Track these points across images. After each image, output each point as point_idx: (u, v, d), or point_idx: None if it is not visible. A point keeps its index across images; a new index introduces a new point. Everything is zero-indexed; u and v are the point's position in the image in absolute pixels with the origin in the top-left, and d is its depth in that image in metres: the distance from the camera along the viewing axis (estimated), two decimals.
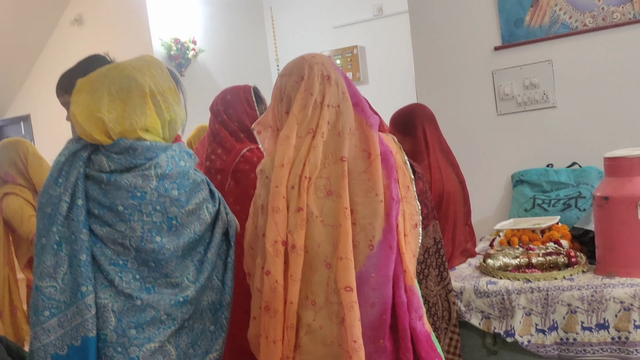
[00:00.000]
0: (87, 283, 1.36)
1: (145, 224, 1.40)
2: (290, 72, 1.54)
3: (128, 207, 1.39)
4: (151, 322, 1.41)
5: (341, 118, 1.47)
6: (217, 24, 5.63)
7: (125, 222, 1.39)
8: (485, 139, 3.13)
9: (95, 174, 1.41)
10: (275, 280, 1.39)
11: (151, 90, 1.43)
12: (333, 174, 1.43)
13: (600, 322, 2.05)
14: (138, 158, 1.41)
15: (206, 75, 5.47)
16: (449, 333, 2.24)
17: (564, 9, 2.87)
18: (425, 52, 3.25)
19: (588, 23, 2.83)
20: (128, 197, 1.39)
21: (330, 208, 1.42)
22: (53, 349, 1.35)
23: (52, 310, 1.36)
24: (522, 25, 2.97)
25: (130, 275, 1.41)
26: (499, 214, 3.10)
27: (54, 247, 1.38)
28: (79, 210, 1.38)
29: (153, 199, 1.40)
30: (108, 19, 5.36)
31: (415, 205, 1.55)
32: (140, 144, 1.41)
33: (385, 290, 1.40)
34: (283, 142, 1.45)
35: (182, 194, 1.44)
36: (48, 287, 1.37)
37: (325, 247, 1.40)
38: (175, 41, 5.09)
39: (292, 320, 1.39)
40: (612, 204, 2.11)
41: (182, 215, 1.44)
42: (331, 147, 1.45)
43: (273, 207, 1.41)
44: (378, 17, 5.61)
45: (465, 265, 2.56)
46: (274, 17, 6.21)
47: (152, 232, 1.40)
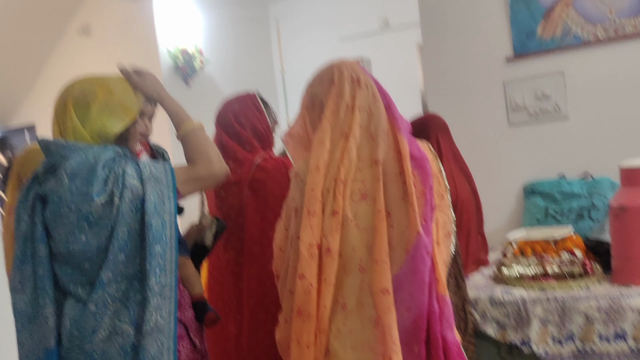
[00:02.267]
0: (45, 295, 1.41)
1: (66, 227, 1.41)
2: (320, 79, 1.55)
3: (52, 213, 1.42)
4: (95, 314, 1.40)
5: (373, 120, 1.48)
6: (224, 35, 5.66)
7: (55, 229, 1.42)
8: (496, 149, 3.13)
9: (39, 191, 1.46)
10: (309, 284, 1.39)
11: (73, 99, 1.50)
12: (368, 177, 1.43)
13: (619, 332, 2.04)
14: (54, 157, 1.44)
15: (212, 86, 5.49)
16: (464, 343, 2.23)
17: (576, 21, 2.89)
18: (436, 62, 3.27)
19: (600, 35, 2.85)
20: (52, 202, 1.42)
21: (365, 212, 1.42)
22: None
23: (23, 323, 1.42)
24: (533, 37, 2.98)
25: (78, 281, 1.42)
26: (511, 224, 3.10)
27: (17, 263, 1.44)
28: (36, 227, 1.44)
29: (67, 198, 1.39)
30: (115, 29, 5.38)
31: (449, 214, 1.55)
32: (55, 141, 1.46)
33: (421, 295, 1.39)
34: (318, 146, 1.46)
35: (90, 187, 1.38)
36: (17, 301, 1.42)
37: (360, 250, 1.40)
38: (182, 52, 5.11)
39: (324, 324, 1.39)
40: (629, 214, 2.11)
41: (96, 209, 1.37)
42: (365, 150, 1.45)
43: (309, 211, 1.41)
44: (384, 29, 5.64)
45: (479, 275, 2.56)
46: (280, 28, 6.24)
47: (76, 232, 1.39)
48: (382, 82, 5.26)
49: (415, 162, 1.46)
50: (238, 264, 2.19)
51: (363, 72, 1.54)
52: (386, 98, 1.53)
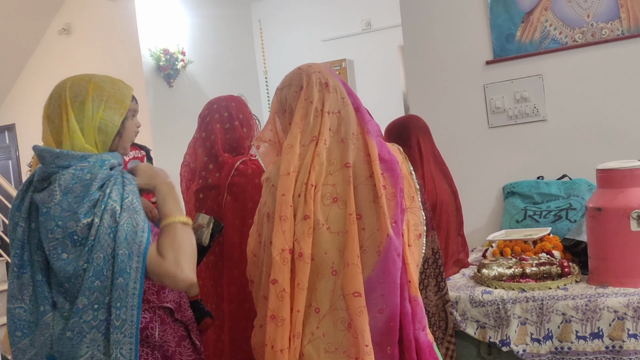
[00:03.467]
0: (45, 303, 1.38)
1: (50, 241, 1.34)
2: (289, 84, 1.56)
3: (41, 224, 1.37)
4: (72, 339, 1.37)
5: (343, 124, 1.49)
6: (206, 35, 5.65)
7: (43, 239, 1.37)
8: (476, 151, 3.17)
9: (34, 197, 1.42)
10: (282, 289, 1.39)
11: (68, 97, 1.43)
12: (339, 180, 1.45)
13: (595, 331, 2.08)
14: (49, 166, 1.38)
15: (195, 86, 5.47)
16: (445, 343, 2.26)
17: (554, 24, 2.93)
18: (417, 65, 3.30)
19: (578, 39, 2.90)
20: (42, 214, 1.36)
21: (336, 215, 1.43)
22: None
23: (23, 331, 1.40)
24: (513, 40, 3.03)
25: (63, 296, 1.38)
26: (490, 225, 3.14)
27: (15, 270, 1.41)
28: (33, 233, 1.40)
29: (56, 214, 1.33)
30: (96, 29, 5.35)
31: (420, 216, 1.56)
32: (49, 150, 1.39)
33: (393, 297, 1.41)
34: (288, 151, 1.47)
35: (81, 206, 1.33)
36: (16, 308, 1.40)
37: (332, 254, 1.41)
38: (164, 52, 5.10)
39: (298, 328, 1.40)
40: (605, 215, 2.15)
41: (82, 229, 1.32)
42: (335, 153, 1.47)
43: (280, 216, 1.41)
44: (366, 31, 5.67)
45: (459, 276, 2.59)
46: (263, 29, 6.25)
47: (58, 249, 1.34)
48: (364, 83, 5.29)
49: (385, 165, 1.47)
50: (217, 269, 2.19)
51: (332, 75, 1.55)
52: (355, 101, 1.55)
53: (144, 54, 5.01)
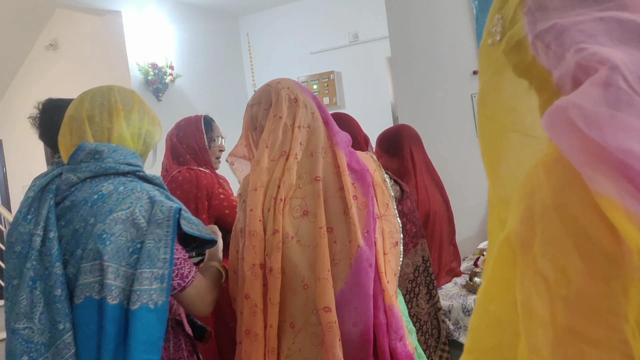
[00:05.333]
0: (65, 320, 1.27)
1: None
2: (259, 101, 1.56)
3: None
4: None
5: (313, 138, 1.49)
6: (195, 49, 5.66)
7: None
8: (465, 160, 3.19)
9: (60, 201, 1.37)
10: (254, 304, 1.38)
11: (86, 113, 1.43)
12: (308, 193, 1.44)
13: None
14: (105, 161, 1.36)
15: (183, 100, 5.47)
16: (438, 351, 2.26)
17: None
18: (405, 76, 3.33)
19: None
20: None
21: (306, 228, 1.41)
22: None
23: (30, 355, 1.26)
24: None
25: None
26: (481, 233, 3.16)
27: (30, 284, 1.29)
28: (52, 243, 1.31)
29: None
30: (84, 44, 5.34)
31: (396, 224, 1.54)
32: (106, 145, 1.38)
33: (366, 308, 1.38)
34: (255, 167, 1.47)
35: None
36: (25, 328, 1.27)
37: (303, 268, 1.39)
38: (152, 66, 5.09)
39: (272, 344, 1.38)
40: None
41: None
42: (305, 167, 1.46)
43: (250, 231, 1.41)
44: (354, 43, 5.70)
45: (451, 285, 2.59)
46: (251, 43, 6.27)
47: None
48: (353, 94, 5.30)
49: (356, 175, 1.47)
50: None
51: (301, 90, 1.56)
52: (325, 114, 1.55)
53: (132, 68, 5.00)
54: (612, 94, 0.50)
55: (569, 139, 0.51)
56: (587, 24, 0.57)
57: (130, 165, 1.41)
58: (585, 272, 0.49)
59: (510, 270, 0.55)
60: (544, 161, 0.56)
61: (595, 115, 0.50)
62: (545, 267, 0.52)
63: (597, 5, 0.58)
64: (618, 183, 0.48)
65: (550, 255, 0.52)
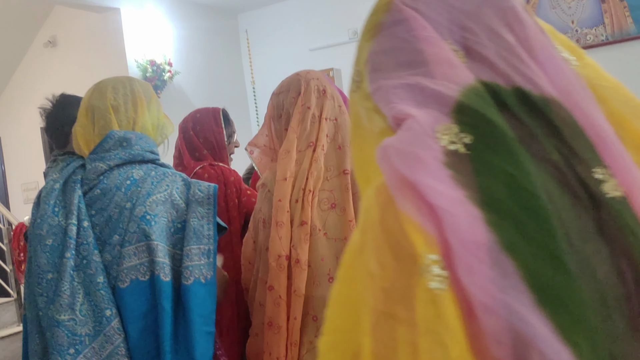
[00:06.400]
0: (111, 306, 1.28)
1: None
2: (287, 89, 1.55)
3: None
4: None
5: (340, 131, 1.49)
6: (193, 46, 5.64)
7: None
8: None
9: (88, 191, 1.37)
10: (278, 296, 1.38)
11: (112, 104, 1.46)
12: (336, 186, 1.43)
13: None
14: (134, 149, 1.39)
15: (182, 97, 5.47)
16: None
17: None
18: None
19: None
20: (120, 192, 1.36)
21: (334, 221, 1.41)
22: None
23: (76, 347, 1.25)
24: None
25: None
26: None
27: (71, 273, 1.29)
28: (87, 232, 1.32)
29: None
30: (83, 41, 5.33)
31: None
32: (133, 133, 1.41)
33: None
34: (284, 156, 1.45)
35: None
36: (69, 320, 1.26)
37: (329, 260, 1.39)
38: (151, 63, 5.08)
39: (295, 336, 1.37)
40: None
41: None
42: (332, 160, 1.46)
43: (277, 222, 1.40)
44: (353, 40, 5.69)
45: None
46: (250, 39, 6.26)
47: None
48: None
49: None
50: None
51: (329, 83, 1.55)
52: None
53: (130, 65, 5.00)
54: (413, 137, 0.69)
55: (387, 170, 0.68)
56: (399, 88, 0.75)
57: (154, 154, 1.45)
58: (397, 269, 0.65)
59: (352, 269, 0.72)
60: (376, 185, 0.72)
61: (402, 153, 0.68)
62: (372, 266, 0.67)
63: (411, 70, 0.76)
64: (413, 204, 0.65)
65: (376, 257, 0.67)
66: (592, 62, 0.83)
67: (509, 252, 0.63)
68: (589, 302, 0.64)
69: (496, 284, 0.62)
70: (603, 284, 0.66)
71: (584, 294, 0.64)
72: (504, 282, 0.62)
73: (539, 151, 0.71)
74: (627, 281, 0.66)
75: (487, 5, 0.80)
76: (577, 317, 0.62)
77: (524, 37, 0.78)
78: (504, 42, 0.77)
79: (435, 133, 0.69)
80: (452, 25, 0.79)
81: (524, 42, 0.77)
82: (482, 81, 0.74)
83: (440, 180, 0.66)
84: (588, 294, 0.64)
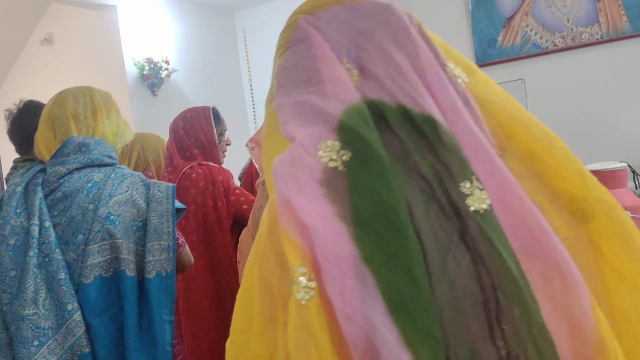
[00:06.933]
0: (72, 300, 1.37)
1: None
2: None
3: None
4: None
5: None
6: (190, 44, 5.64)
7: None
8: None
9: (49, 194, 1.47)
10: None
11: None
12: None
13: None
14: (92, 153, 1.49)
15: (179, 95, 5.46)
16: None
17: (535, 29, 2.97)
18: None
19: (558, 43, 2.94)
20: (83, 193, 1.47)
21: None
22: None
23: (40, 339, 1.34)
24: (495, 46, 3.06)
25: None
26: None
27: (34, 271, 1.37)
28: (48, 232, 1.40)
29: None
30: (79, 38, 5.32)
31: None
32: (91, 139, 1.52)
33: None
34: None
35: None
36: (33, 314, 1.34)
37: None
38: (148, 61, 5.08)
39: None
40: None
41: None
42: None
43: None
44: None
45: None
46: (247, 38, 6.26)
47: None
48: None
49: None
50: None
51: None
52: None
53: (127, 63, 4.99)
54: (294, 158, 0.76)
55: (274, 188, 0.76)
56: (292, 106, 0.82)
57: (112, 159, 1.55)
58: (281, 278, 0.72)
59: (251, 276, 0.79)
60: (270, 200, 0.80)
61: (283, 174, 0.75)
62: (263, 274, 0.75)
63: (309, 87, 0.82)
64: (289, 220, 0.71)
65: (265, 266, 0.75)
66: (484, 78, 0.91)
67: (368, 263, 0.69)
68: (435, 311, 0.69)
69: (356, 294, 0.68)
70: (459, 293, 0.70)
71: (430, 304, 0.68)
72: (364, 291, 0.68)
73: (413, 167, 0.77)
74: (486, 288, 0.71)
75: (381, 27, 0.86)
76: (420, 325, 0.67)
77: (415, 57, 0.83)
78: (393, 62, 0.82)
79: (318, 151, 0.76)
80: (350, 45, 0.85)
81: (414, 61, 0.83)
82: (367, 99, 0.80)
83: (311, 199, 0.73)
84: (440, 302, 0.69)
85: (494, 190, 0.77)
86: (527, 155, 0.85)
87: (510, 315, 0.69)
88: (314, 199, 0.73)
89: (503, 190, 0.77)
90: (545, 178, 0.84)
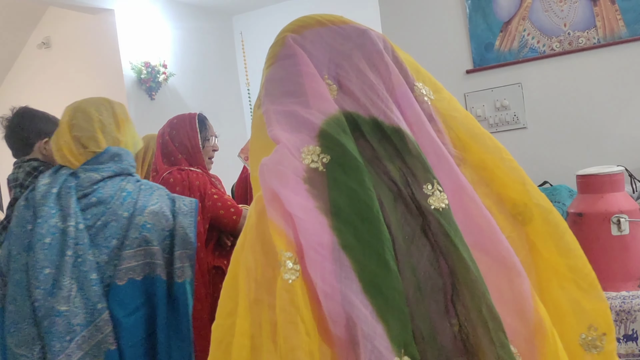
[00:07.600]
0: (102, 300, 1.47)
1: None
2: None
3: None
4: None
5: None
6: (188, 48, 5.64)
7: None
8: None
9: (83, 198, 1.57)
10: None
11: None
12: None
13: None
14: (123, 163, 1.64)
15: (177, 99, 5.46)
16: None
17: (532, 33, 2.98)
18: None
19: (555, 47, 2.95)
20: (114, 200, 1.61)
21: None
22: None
23: (71, 335, 1.42)
24: (492, 50, 3.07)
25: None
26: None
27: (71, 269, 1.45)
28: (82, 233, 1.49)
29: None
30: (77, 42, 5.31)
31: None
32: (123, 150, 1.68)
33: None
34: None
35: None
36: (67, 311, 1.43)
37: None
38: (145, 65, 5.07)
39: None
40: (586, 220, 2.18)
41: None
42: None
43: None
44: None
45: None
46: (244, 42, 6.26)
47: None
48: None
49: None
50: None
51: None
52: None
53: (125, 67, 4.98)
54: (281, 158, 0.87)
55: (262, 184, 0.87)
56: (278, 114, 0.94)
57: (134, 168, 1.70)
58: (266, 264, 0.83)
59: (236, 264, 0.88)
60: (257, 196, 0.90)
61: (271, 171, 0.86)
62: (249, 261, 0.85)
63: (293, 98, 0.95)
64: (277, 212, 0.82)
65: (251, 254, 0.85)
66: (448, 96, 1.08)
67: (346, 250, 0.81)
68: (402, 290, 0.82)
69: (335, 276, 0.80)
70: (421, 277, 0.84)
71: (399, 284, 0.81)
72: (342, 274, 0.80)
73: (383, 170, 0.90)
74: (444, 274, 0.84)
75: (358, 49, 1.01)
76: (389, 302, 0.80)
77: (387, 77, 0.99)
78: (367, 80, 0.97)
79: (301, 154, 0.89)
80: (330, 63, 0.99)
81: (386, 80, 0.98)
82: (345, 111, 0.94)
83: (296, 192, 0.84)
84: (405, 284, 0.82)
85: (452, 193, 0.90)
86: (479, 165, 0.99)
87: (463, 298, 0.82)
88: (298, 192, 0.84)
89: (459, 193, 0.91)
90: (493, 185, 0.99)
